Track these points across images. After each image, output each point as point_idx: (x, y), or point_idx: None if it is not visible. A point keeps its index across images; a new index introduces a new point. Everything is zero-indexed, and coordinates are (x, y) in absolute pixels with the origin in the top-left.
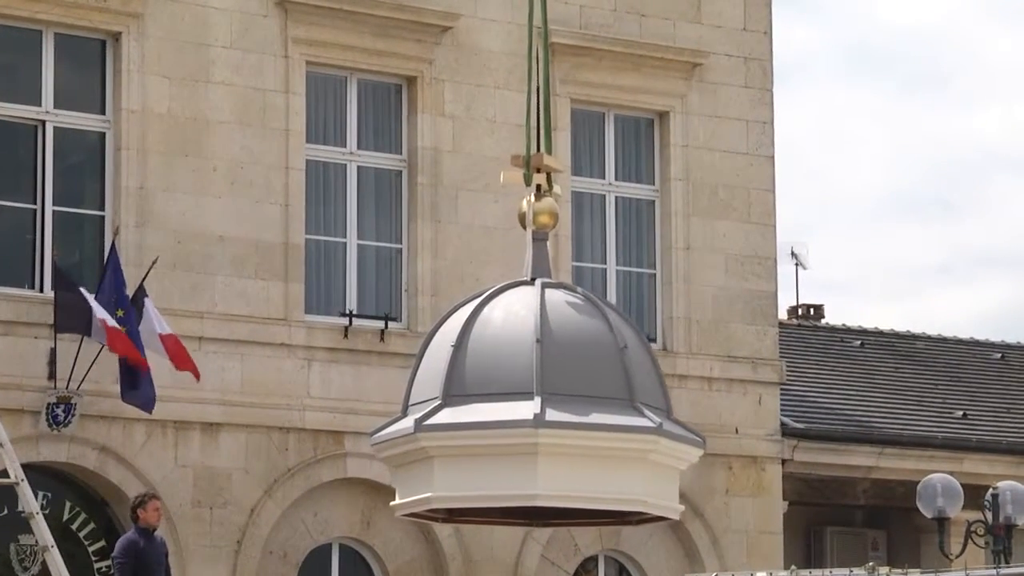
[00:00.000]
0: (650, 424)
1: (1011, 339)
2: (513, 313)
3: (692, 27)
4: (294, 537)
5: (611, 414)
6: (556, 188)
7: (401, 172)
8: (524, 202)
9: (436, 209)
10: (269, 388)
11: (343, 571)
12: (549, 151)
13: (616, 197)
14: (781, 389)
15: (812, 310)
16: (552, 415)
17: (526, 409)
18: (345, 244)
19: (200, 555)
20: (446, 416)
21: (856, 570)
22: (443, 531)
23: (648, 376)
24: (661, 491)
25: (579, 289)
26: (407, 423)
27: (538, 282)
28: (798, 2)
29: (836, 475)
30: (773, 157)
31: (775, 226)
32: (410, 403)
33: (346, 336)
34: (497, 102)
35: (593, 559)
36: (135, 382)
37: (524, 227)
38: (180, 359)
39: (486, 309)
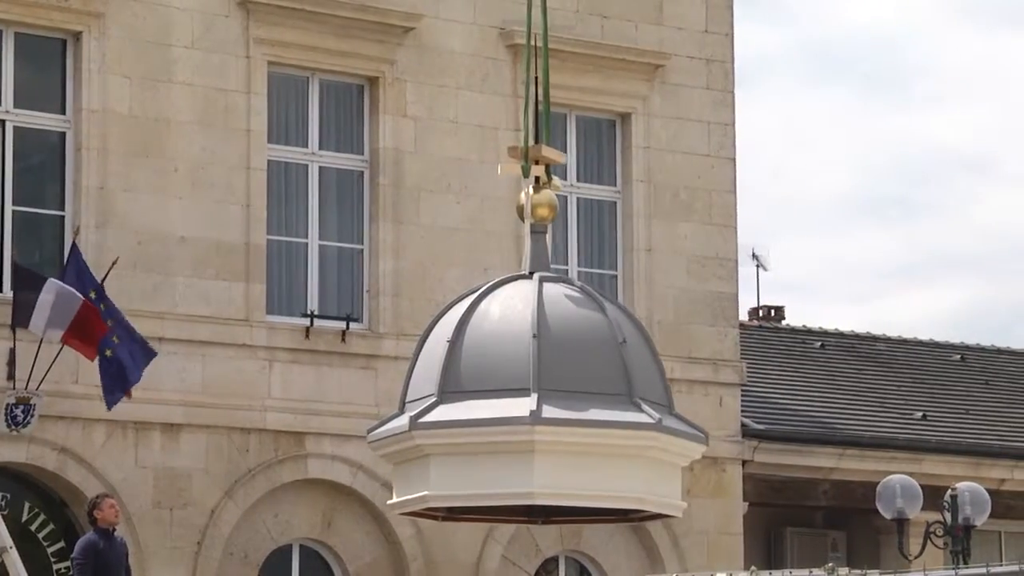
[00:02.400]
0: (649, 420)
1: (971, 340)
2: (510, 308)
3: (654, 29)
4: (255, 538)
5: (609, 410)
6: (556, 180)
7: (363, 173)
8: (522, 194)
9: (398, 210)
10: (230, 389)
11: (304, 572)
12: (548, 142)
13: (578, 198)
14: (742, 390)
15: (773, 311)
16: (549, 412)
17: (523, 406)
18: (307, 245)
19: (160, 556)
20: (442, 413)
21: (816, 571)
22: (404, 532)
23: (648, 370)
24: (661, 488)
25: (578, 283)
26: (403, 420)
27: (536, 276)
28: (759, 4)
29: (796, 476)
30: (734, 159)
31: (736, 228)
32: (407, 399)
33: (307, 337)
34: (459, 103)
35: (554, 560)
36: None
37: (522, 219)
38: (85, 335)
39: (483, 303)
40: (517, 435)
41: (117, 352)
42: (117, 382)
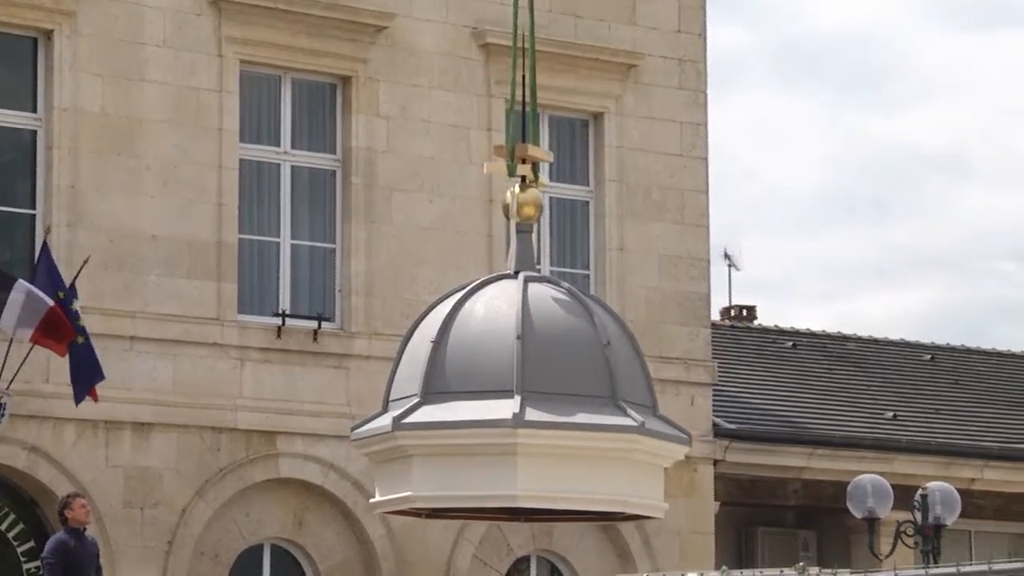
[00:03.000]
0: (632, 423)
1: (941, 340)
2: (495, 308)
3: (627, 29)
4: (226, 538)
5: (593, 413)
6: (543, 178)
7: (335, 172)
8: (508, 193)
9: (370, 209)
10: (201, 388)
11: (275, 572)
12: (536, 141)
13: (551, 198)
14: (713, 390)
15: (745, 311)
16: (532, 414)
17: (505, 408)
18: (279, 244)
19: (131, 556)
20: (425, 414)
21: (787, 570)
22: (375, 531)
23: (632, 372)
24: (644, 490)
25: (564, 284)
26: (385, 420)
27: (521, 276)
28: (732, 4)
29: (767, 476)
30: (707, 159)
31: (708, 227)
32: (390, 399)
33: (279, 336)
34: (432, 102)
35: (525, 559)
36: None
37: (508, 218)
38: (54, 334)
39: (468, 303)
40: (500, 438)
41: (87, 343)
42: (85, 373)
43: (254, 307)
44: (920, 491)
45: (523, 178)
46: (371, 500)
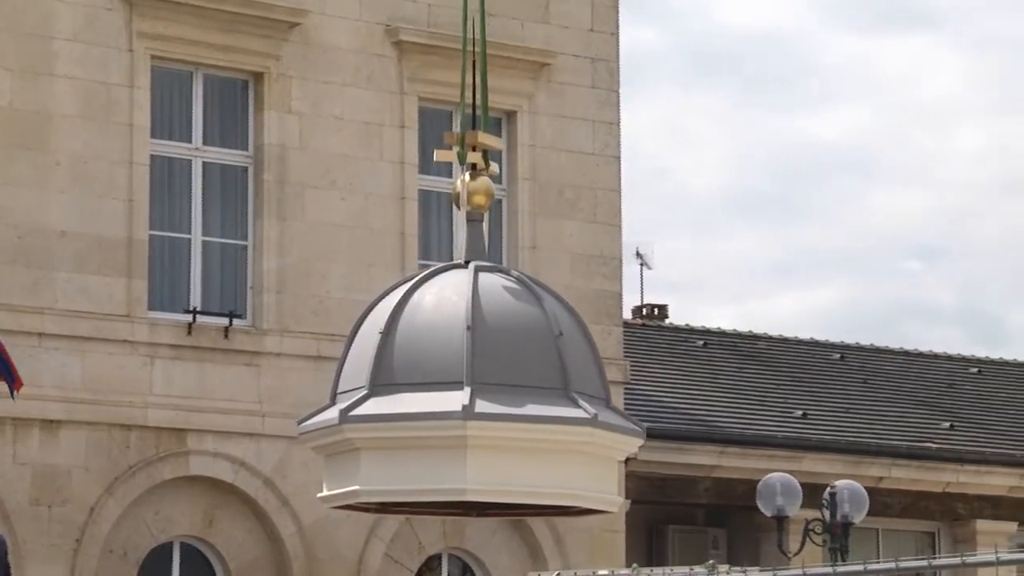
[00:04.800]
0: (585, 415)
1: (850, 339)
2: (444, 298)
3: (540, 27)
4: (135, 536)
5: (545, 405)
6: (494, 167)
7: (247, 168)
8: (458, 181)
9: (282, 206)
10: (111, 385)
11: (184, 570)
12: (486, 129)
13: None
14: (625, 389)
15: (656, 310)
16: (482, 406)
17: (455, 400)
18: (190, 240)
19: (38, 554)
20: (372, 407)
21: (696, 568)
22: (287, 530)
23: (585, 364)
24: (597, 484)
25: (515, 273)
26: (332, 413)
27: (472, 265)
28: (641, 4)
29: (678, 474)
30: (619, 158)
31: (621, 226)
32: (338, 391)
33: (190, 333)
34: (345, 99)
35: (437, 557)
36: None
37: (458, 207)
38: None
39: (416, 294)
40: (449, 430)
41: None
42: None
43: (165, 304)
44: (829, 489)
45: (474, 166)
46: (319, 495)
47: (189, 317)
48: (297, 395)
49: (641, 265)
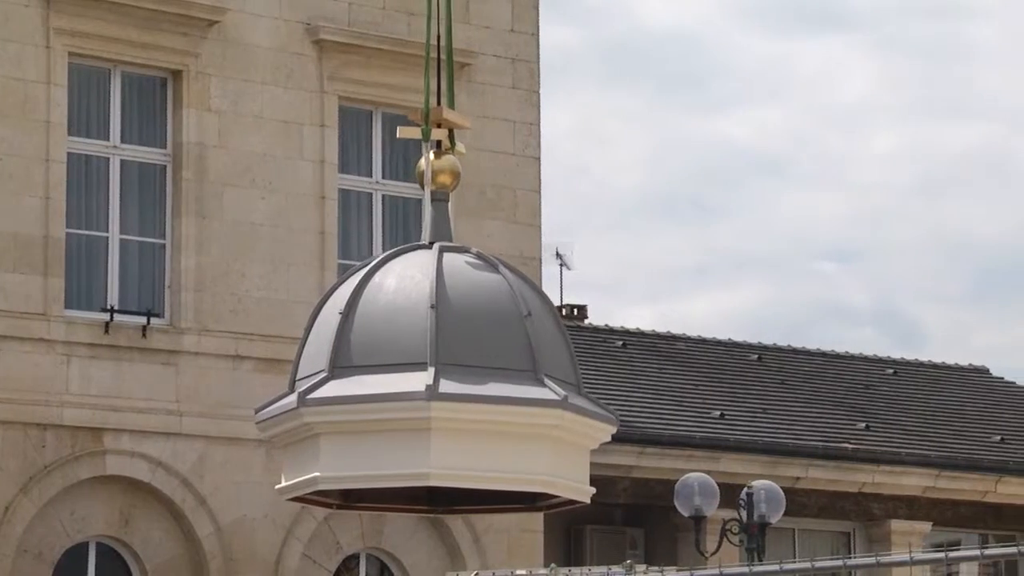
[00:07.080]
0: (554, 397)
1: (768, 340)
2: (407, 278)
3: (460, 27)
4: (50, 536)
5: (512, 385)
6: (460, 146)
7: (166, 167)
8: (423, 160)
9: (201, 204)
10: (26, 384)
11: (100, 570)
12: (452, 106)
13: (383, 195)
14: None
15: (576, 310)
16: (446, 387)
17: (418, 380)
18: (107, 239)
19: None
20: (332, 389)
21: (614, 568)
22: (204, 529)
23: (554, 346)
24: (568, 471)
25: (481, 252)
26: (291, 398)
27: (436, 246)
28: (559, 4)
29: (596, 474)
30: (539, 158)
31: (540, 226)
32: (297, 377)
33: (107, 332)
34: (264, 98)
35: (355, 557)
36: None
37: (422, 186)
38: None
39: (378, 274)
40: (412, 412)
41: None
42: None
43: (81, 302)
44: (746, 489)
45: (438, 144)
46: (277, 487)
47: (106, 316)
48: (215, 394)
49: (561, 265)
